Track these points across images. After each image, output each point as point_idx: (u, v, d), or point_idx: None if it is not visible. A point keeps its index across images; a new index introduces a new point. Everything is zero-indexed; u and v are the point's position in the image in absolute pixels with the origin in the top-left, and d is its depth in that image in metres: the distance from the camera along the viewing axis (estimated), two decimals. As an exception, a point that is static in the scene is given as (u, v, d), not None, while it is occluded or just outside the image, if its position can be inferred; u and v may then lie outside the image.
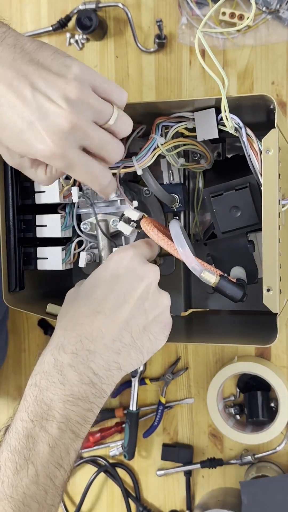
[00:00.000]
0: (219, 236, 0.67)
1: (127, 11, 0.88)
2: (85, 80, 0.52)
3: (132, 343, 0.58)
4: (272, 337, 0.63)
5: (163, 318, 0.61)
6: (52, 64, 0.52)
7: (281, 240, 0.62)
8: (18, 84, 0.50)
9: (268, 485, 0.83)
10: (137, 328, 0.58)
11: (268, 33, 0.85)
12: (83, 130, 0.52)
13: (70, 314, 0.59)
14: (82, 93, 0.51)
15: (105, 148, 0.55)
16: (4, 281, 0.70)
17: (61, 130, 0.51)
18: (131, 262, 0.59)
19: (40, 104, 0.50)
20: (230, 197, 0.65)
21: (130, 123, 0.57)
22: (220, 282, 0.60)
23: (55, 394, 0.54)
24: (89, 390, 0.56)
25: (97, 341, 0.56)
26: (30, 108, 0.50)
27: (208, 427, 0.92)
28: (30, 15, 0.93)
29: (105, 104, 0.54)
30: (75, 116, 0.51)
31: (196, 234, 0.79)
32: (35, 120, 0.50)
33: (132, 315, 0.58)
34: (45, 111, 0.50)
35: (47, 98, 0.50)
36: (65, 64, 0.52)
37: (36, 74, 0.51)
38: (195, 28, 0.86)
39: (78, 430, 0.55)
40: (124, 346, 0.58)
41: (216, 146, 0.77)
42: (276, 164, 0.59)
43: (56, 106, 0.50)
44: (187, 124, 0.66)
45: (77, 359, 0.55)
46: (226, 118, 0.61)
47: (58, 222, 0.71)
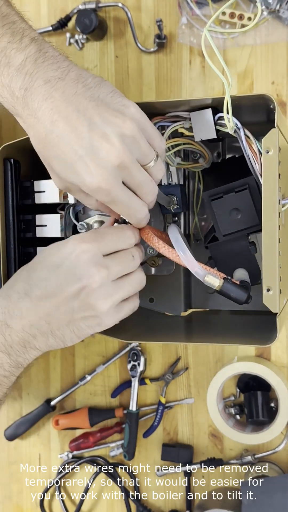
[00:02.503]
0: (220, 239, 0.67)
1: (127, 11, 0.88)
2: (140, 121, 0.56)
3: (50, 332, 0.60)
4: (272, 337, 0.63)
5: (93, 320, 0.60)
6: (111, 102, 0.55)
7: (281, 240, 0.62)
8: (76, 118, 0.53)
9: (268, 485, 0.83)
10: (58, 322, 0.59)
11: (268, 33, 0.85)
12: (129, 168, 0.55)
13: (11, 281, 0.61)
14: (136, 133, 0.55)
15: (144, 188, 0.58)
16: (3, 281, 0.70)
17: (110, 166, 0.54)
18: (78, 258, 0.58)
19: (93, 140, 0.53)
20: (230, 200, 0.65)
21: (164, 171, 0.62)
22: (224, 285, 0.60)
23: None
24: (4, 359, 0.60)
25: (15, 320, 0.59)
26: (84, 143, 0.53)
27: (208, 427, 0.92)
28: (30, 15, 0.92)
29: (150, 148, 0.58)
30: (125, 154, 0.54)
31: (196, 235, 0.79)
32: (87, 155, 0.54)
33: (57, 309, 0.58)
34: (98, 147, 0.54)
35: (102, 135, 0.53)
36: (123, 103, 0.55)
37: (95, 110, 0.54)
38: (195, 28, 0.86)
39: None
40: (41, 333, 0.59)
41: (216, 146, 0.77)
42: (276, 164, 0.59)
43: (109, 143, 0.53)
44: (184, 123, 0.66)
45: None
46: (228, 120, 0.60)
47: (58, 222, 0.71)
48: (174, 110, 0.66)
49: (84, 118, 0.53)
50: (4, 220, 0.69)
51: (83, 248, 0.58)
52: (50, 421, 0.97)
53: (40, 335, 0.60)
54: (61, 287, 0.58)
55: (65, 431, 0.97)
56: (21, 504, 1.00)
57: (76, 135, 0.53)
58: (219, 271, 0.63)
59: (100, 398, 0.96)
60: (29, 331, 0.59)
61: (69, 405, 0.97)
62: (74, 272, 0.58)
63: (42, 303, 0.58)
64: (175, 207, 0.72)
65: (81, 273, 0.58)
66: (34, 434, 0.99)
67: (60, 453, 0.97)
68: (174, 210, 0.73)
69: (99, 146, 0.53)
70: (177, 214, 0.76)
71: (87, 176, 0.54)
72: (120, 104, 0.55)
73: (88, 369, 0.95)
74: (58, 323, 0.59)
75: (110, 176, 0.54)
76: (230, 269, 0.68)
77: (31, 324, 0.59)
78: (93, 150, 0.54)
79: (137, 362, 0.91)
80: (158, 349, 0.92)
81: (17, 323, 0.59)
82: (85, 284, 0.57)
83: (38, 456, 0.99)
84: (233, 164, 0.74)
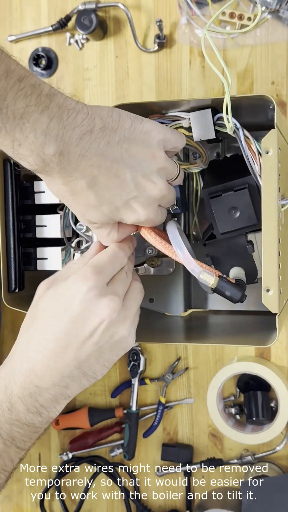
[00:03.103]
0: (218, 237, 0.67)
1: (127, 11, 0.88)
2: (163, 140, 0.58)
3: (83, 375, 0.58)
4: (272, 337, 0.63)
5: (119, 346, 0.59)
6: (136, 137, 0.55)
7: (281, 240, 0.62)
8: (117, 169, 0.54)
9: (268, 485, 0.83)
10: (88, 361, 0.58)
11: (268, 33, 0.85)
12: (166, 195, 0.59)
13: (27, 338, 0.59)
14: (165, 162, 0.58)
15: (168, 200, 0.61)
16: (3, 281, 0.70)
17: (154, 201, 0.57)
18: (85, 298, 0.56)
19: (137, 185, 0.55)
20: (229, 198, 0.65)
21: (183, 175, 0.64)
22: (219, 283, 0.60)
23: (2, 416, 0.58)
24: (35, 418, 0.58)
25: (45, 378, 0.57)
26: (129, 189, 0.55)
27: (208, 427, 0.92)
28: (30, 15, 0.93)
29: (174, 164, 0.60)
30: (164, 185, 0.57)
31: (196, 235, 0.79)
32: (132, 199, 0.55)
33: (82, 351, 0.57)
34: (142, 189, 0.56)
35: (142, 176, 0.55)
36: (144, 131, 0.56)
37: (129, 153, 0.54)
38: (195, 28, 0.86)
39: (23, 445, 0.60)
40: (73, 379, 0.58)
41: (215, 146, 0.77)
42: (276, 165, 0.59)
43: (150, 182, 0.56)
44: (183, 123, 0.66)
45: (25, 392, 0.57)
46: (227, 120, 0.60)
47: (57, 223, 0.71)
48: (173, 110, 0.66)
49: (123, 166, 0.54)
50: (4, 220, 0.69)
51: (89, 285, 0.57)
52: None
53: (72, 383, 0.58)
54: (81, 328, 0.57)
55: (65, 431, 0.97)
56: (21, 504, 1.00)
57: (120, 184, 0.54)
58: (216, 268, 0.63)
59: (100, 398, 0.96)
60: (60, 384, 0.57)
61: (69, 405, 0.97)
62: (89, 310, 0.56)
63: (67, 350, 0.57)
64: (175, 208, 0.72)
65: (96, 309, 0.56)
66: (34, 434, 0.99)
67: (60, 453, 0.97)
68: (173, 211, 0.73)
69: (143, 188, 0.56)
70: (177, 215, 0.76)
71: (132, 216, 0.57)
72: (143, 133, 0.56)
73: (88, 369, 0.94)
74: (88, 364, 0.58)
75: (154, 208, 0.58)
76: (227, 267, 0.68)
77: (62, 376, 0.57)
78: (138, 193, 0.56)
79: (137, 362, 0.91)
80: (158, 349, 0.92)
81: (47, 381, 0.57)
82: (104, 316, 0.56)
83: (38, 456, 0.99)
84: (234, 162, 0.74)
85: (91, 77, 0.92)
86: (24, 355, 0.58)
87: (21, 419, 0.58)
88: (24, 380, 0.57)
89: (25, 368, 0.57)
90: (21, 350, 0.59)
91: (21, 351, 0.59)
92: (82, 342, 0.56)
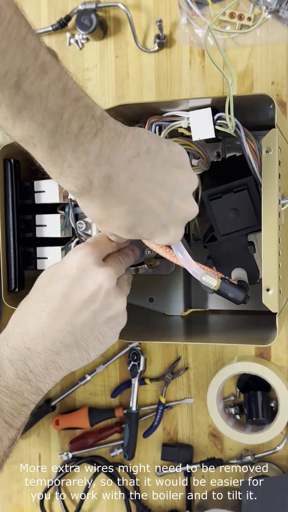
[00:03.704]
0: (219, 238, 0.67)
1: (127, 11, 0.88)
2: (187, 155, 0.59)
3: (75, 343, 0.58)
4: (272, 337, 0.63)
5: (114, 321, 0.60)
6: (174, 159, 0.55)
7: (281, 240, 0.62)
8: (160, 192, 0.54)
9: (268, 485, 0.83)
10: (82, 329, 0.58)
11: (268, 33, 0.85)
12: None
13: (24, 306, 0.60)
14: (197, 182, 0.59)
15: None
16: (3, 281, 0.70)
17: (186, 222, 0.58)
18: (83, 264, 0.58)
19: (176, 206, 0.55)
20: (229, 200, 0.65)
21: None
22: (222, 285, 0.60)
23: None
24: (24, 386, 0.57)
25: (37, 340, 0.57)
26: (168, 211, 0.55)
27: (208, 427, 0.92)
28: (30, 15, 0.93)
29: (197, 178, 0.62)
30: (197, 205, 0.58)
31: (196, 235, 0.79)
32: (169, 221, 0.56)
33: (77, 317, 0.57)
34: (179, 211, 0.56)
35: (180, 199, 0.56)
36: (178, 152, 0.56)
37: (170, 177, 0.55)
38: (195, 28, 0.86)
39: (12, 421, 0.57)
40: (66, 346, 0.58)
41: (216, 145, 0.77)
42: (276, 164, 0.59)
43: (187, 204, 0.56)
44: (182, 123, 0.65)
45: (15, 355, 0.57)
46: (229, 119, 0.60)
47: (57, 222, 0.71)
48: (173, 110, 0.66)
49: (165, 189, 0.54)
50: (4, 220, 0.69)
51: (84, 254, 0.58)
52: (50, 421, 0.97)
53: (64, 350, 0.58)
54: (78, 293, 0.57)
55: (65, 431, 0.97)
56: (21, 504, 1.00)
57: (161, 208, 0.54)
58: (217, 270, 0.63)
59: (100, 398, 0.96)
60: (52, 349, 0.57)
61: (69, 405, 0.97)
62: (87, 274, 0.58)
63: (63, 314, 0.57)
64: None
65: (93, 274, 0.58)
66: (34, 434, 0.99)
67: (60, 453, 0.97)
68: None
69: (180, 210, 0.56)
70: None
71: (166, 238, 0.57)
72: (178, 155, 0.56)
73: (88, 369, 0.94)
74: (82, 332, 0.58)
75: (183, 228, 0.59)
76: (228, 268, 0.68)
77: (54, 341, 0.57)
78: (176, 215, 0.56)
79: (137, 362, 0.91)
80: (158, 349, 0.92)
81: (39, 344, 0.57)
82: (101, 282, 0.57)
83: (38, 456, 0.99)
84: (233, 163, 0.74)
85: (91, 77, 0.92)
86: (20, 318, 0.59)
87: (10, 385, 0.57)
88: (15, 342, 0.57)
89: (19, 330, 0.58)
90: (17, 316, 0.60)
91: (17, 316, 0.59)
92: (79, 307, 0.57)
